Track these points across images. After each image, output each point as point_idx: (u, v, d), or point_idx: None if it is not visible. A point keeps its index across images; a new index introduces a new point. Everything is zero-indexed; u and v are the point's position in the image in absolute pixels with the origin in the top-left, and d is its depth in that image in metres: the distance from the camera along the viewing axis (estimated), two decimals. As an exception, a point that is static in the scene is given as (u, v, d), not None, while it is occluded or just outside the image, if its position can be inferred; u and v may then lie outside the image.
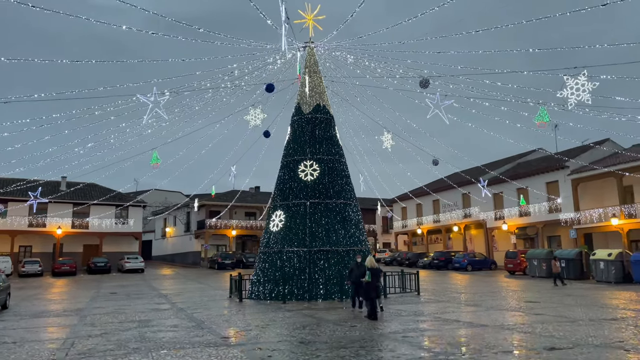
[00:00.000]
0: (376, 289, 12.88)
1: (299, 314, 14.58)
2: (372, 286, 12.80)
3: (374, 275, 12.91)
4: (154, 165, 23.34)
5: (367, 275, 12.92)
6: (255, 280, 19.86)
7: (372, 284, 12.81)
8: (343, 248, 19.38)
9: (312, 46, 22.42)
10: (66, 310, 16.83)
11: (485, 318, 13.06)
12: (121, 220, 45.79)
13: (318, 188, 20.11)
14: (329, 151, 20.94)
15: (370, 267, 13.01)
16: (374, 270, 13.00)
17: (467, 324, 11.99)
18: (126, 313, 15.67)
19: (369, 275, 12.86)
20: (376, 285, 12.91)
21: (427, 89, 18.04)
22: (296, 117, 21.63)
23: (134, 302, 19.64)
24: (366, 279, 12.91)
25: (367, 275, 12.90)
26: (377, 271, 13.15)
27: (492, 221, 41.14)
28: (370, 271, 12.91)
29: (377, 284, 12.98)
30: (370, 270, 12.94)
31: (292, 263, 19.04)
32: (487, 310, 14.98)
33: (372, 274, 12.87)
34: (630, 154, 29.28)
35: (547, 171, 36.50)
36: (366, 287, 12.96)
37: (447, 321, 12.46)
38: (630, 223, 29.96)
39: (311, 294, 18.44)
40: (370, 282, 12.82)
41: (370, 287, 12.79)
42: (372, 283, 12.81)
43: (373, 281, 12.83)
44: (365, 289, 13.02)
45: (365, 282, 12.98)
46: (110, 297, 21.95)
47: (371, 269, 12.97)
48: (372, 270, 12.95)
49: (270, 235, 20.19)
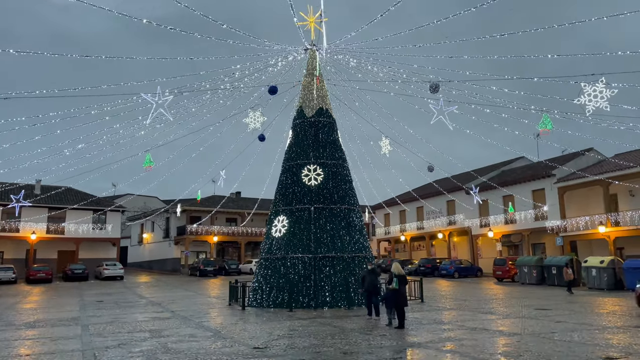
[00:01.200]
0: (403, 297, 12.49)
1: (315, 322, 14.07)
2: (400, 293, 12.41)
3: (402, 282, 12.52)
4: (146, 168, 22.56)
5: (394, 282, 12.50)
6: (256, 287, 19.23)
7: (400, 291, 12.42)
8: (348, 254, 18.97)
9: (315, 49, 22.05)
10: (61, 320, 15.88)
11: (511, 326, 12.83)
12: (99, 226, 44.27)
13: (322, 193, 19.67)
14: (332, 155, 20.54)
15: (397, 273, 12.61)
16: (402, 277, 12.61)
17: (498, 332, 11.72)
18: (129, 322, 14.87)
19: (397, 282, 12.45)
20: (402, 292, 12.52)
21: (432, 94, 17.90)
22: (298, 120, 21.17)
23: (128, 310, 18.76)
24: (393, 285, 12.49)
25: (395, 282, 12.48)
26: (405, 278, 12.76)
27: (477, 228, 41.39)
28: (397, 278, 12.51)
29: (403, 292, 12.60)
30: (398, 277, 12.54)
31: (297, 270, 18.51)
32: (505, 317, 14.77)
33: (400, 281, 12.47)
34: (618, 162, 29.76)
35: (533, 179, 36.95)
36: (393, 295, 12.55)
37: (475, 329, 12.17)
38: (616, 231, 30.46)
39: (317, 301, 17.94)
40: (397, 289, 12.42)
41: (399, 295, 12.40)
42: (400, 290, 12.42)
43: (401, 288, 12.44)
44: (392, 297, 12.60)
45: (392, 289, 12.56)
46: (100, 305, 20.95)
47: (398, 275, 12.57)
48: (399, 277, 12.56)
49: (272, 241, 19.62)
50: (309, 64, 21.88)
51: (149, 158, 22.34)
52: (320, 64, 22.11)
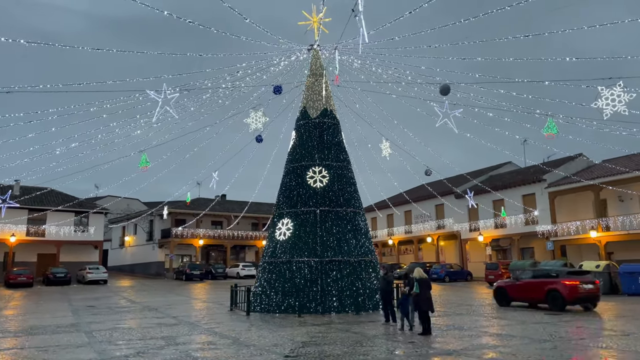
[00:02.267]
0: (428, 301, 12.14)
1: (331, 328, 13.64)
2: (422, 298, 12.06)
3: (423, 286, 12.17)
4: (142, 169, 21.89)
5: (415, 287, 12.17)
6: (259, 291, 18.68)
7: (421, 296, 12.07)
8: (355, 258, 18.60)
9: (318, 48, 21.69)
10: (60, 326, 15.09)
11: (535, 332, 12.59)
12: (81, 228, 42.99)
13: (328, 195, 19.27)
14: (337, 157, 20.17)
15: (419, 277, 12.27)
16: (423, 281, 12.26)
17: (527, 338, 11.45)
18: (134, 329, 14.22)
19: (417, 286, 12.12)
20: (427, 297, 12.17)
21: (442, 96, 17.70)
22: (302, 121, 20.75)
23: (126, 316, 18.02)
24: (414, 290, 12.16)
25: (415, 287, 12.15)
26: (427, 282, 12.41)
27: (466, 232, 41.48)
28: (418, 282, 12.17)
29: (429, 296, 12.25)
30: (419, 281, 12.20)
31: (303, 274, 18.05)
32: (521, 323, 14.56)
33: (421, 285, 12.13)
34: (610, 167, 30.05)
35: (524, 184, 37.20)
36: (415, 300, 12.20)
37: (500, 335, 11.92)
38: (608, 236, 30.80)
39: (324, 306, 17.50)
40: (419, 293, 12.08)
41: (420, 299, 12.05)
42: (421, 294, 12.07)
43: (422, 293, 12.09)
44: (414, 302, 12.24)
45: (413, 294, 12.21)
46: (93, 310, 20.11)
47: (420, 279, 12.24)
48: (420, 280, 12.22)
49: (276, 244, 19.12)
50: (312, 63, 21.50)
51: (145, 158, 21.67)
52: (323, 64, 21.77)
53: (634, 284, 24.40)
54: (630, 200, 32.33)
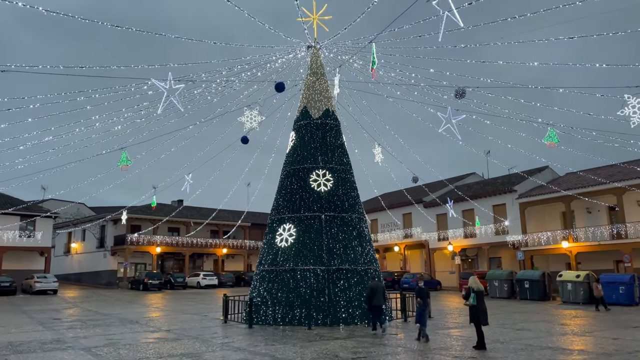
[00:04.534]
0: (484, 314, 11.38)
1: (357, 341, 12.62)
2: (480, 310, 11.29)
3: (480, 298, 11.40)
4: (122, 167, 20.10)
5: (471, 298, 11.36)
6: (259, 302, 17.34)
7: (479, 308, 11.29)
8: (362, 267, 17.67)
9: (318, 47, 20.75)
10: (45, 343, 13.16)
11: (575, 343, 12.13)
12: (26, 233, 39.50)
13: (333, 200, 18.28)
14: (340, 160, 19.24)
15: (476, 289, 11.48)
16: (480, 293, 11.51)
17: (580, 351, 10.93)
18: (137, 345, 12.60)
19: (474, 298, 11.32)
20: (483, 309, 11.41)
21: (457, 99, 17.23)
22: (303, 121, 19.68)
23: (113, 330, 16.11)
24: (470, 302, 11.34)
25: (472, 298, 11.34)
26: (482, 293, 11.65)
27: (435, 242, 41.50)
28: (475, 293, 11.38)
29: (484, 308, 11.48)
30: (476, 292, 11.42)
31: (309, 283, 16.91)
32: (549, 334, 14.12)
33: (478, 297, 11.35)
34: (587, 174, 30.69)
35: (495, 194, 37.62)
36: (472, 312, 11.40)
37: (547, 348, 11.34)
38: (578, 246, 31.50)
39: (332, 318, 16.42)
40: (476, 305, 11.29)
41: (478, 312, 11.27)
42: (479, 306, 11.30)
43: (479, 305, 11.31)
44: (472, 314, 11.43)
45: (470, 305, 11.40)
46: (63, 324, 17.98)
47: (477, 291, 11.46)
48: (477, 292, 11.44)
49: (277, 251, 17.87)
50: (312, 62, 20.53)
51: (125, 156, 19.94)
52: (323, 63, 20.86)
53: (614, 293, 24.84)
54: (597, 212, 33.32)
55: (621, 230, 29.75)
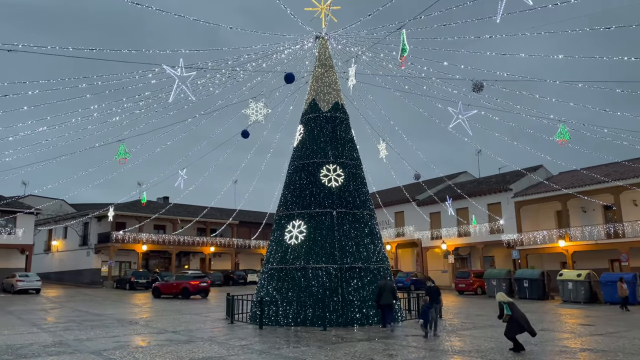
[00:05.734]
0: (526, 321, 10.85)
1: (387, 343, 12.01)
2: (521, 318, 10.76)
3: (514, 308, 10.89)
4: (119, 161, 19.19)
5: (505, 309, 10.81)
6: (268, 301, 16.58)
7: (518, 316, 10.76)
8: (374, 265, 17.07)
9: (326, 38, 20.08)
10: (47, 346, 12.22)
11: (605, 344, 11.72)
12: (7, 230, 37.90)
13: (344, 196, 17.63)
14: (350, 155, 18.60)
15: (506, 301, 10.96)
16: (511, 303, 10.99)
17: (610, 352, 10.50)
18: (151, 347, 11.80)
19: (507, 308, 10.79)
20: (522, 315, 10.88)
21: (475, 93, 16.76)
22: (312, 114, 18.97)
23: (111, 331, 15.17)
24: (506, 313, 10.80)
25: (506, 309, 10.79)
26: (513, 303, 11.13)
27: (427, 240, 41.19)
28: (507, 305, 10.85)
29: (522, 314, 10.95)
30: (507, 303, 10.89)
31: (321, 282, 16.23)
32: (575, 335, 13.72)
33: (512, 308, 10.83)
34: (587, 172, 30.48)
35: (490, 192, 37.44)
36: (511, 325, 10.82)
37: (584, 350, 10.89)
38: (575, 245, 31.46)
39: (346, 318, 15.79)
40: (512, 314, 10.75)
41: (520, 321, 10.72)
42: (517, 315, 10.77)
43: (516, 313, 10.78)
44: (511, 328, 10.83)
45: (506, 317, 10.84)
46: (59, 325, 16.96)
47: (507, 302, 10.94)
48: (509, 303, 10.92)
49: (287, 248, 17.13)
50: (321, 53, 19.85)
51: (123, 149, 19.02)
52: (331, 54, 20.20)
53: (615, 292, 24.70)
54: (592, 211, 33.36)
55: (618, 229, 29.77)
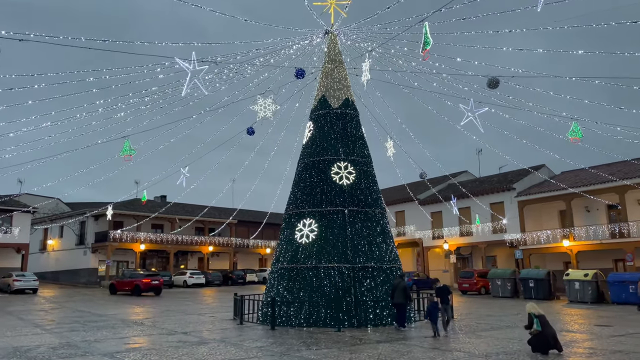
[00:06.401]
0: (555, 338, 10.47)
1: (409, 345, 11.66)
2: (550, 335, 10.37)
3: (544, 322, 10.51)
4: (124, 157, 18.74)
5: (535, 324, 10.42)
6: (278, 301, 16.20)
7: (548, 332, 10.36)
8: (387, 265, 16.73)
9: (336, 33, 19.72)
10: (55, 348, 11.78)
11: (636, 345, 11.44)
12: (3, 229, 37.26)
13: (355, 194, 17.27)
14: (361, 153, 18.25)
15: (537, 314, 10.56)
16: (542, 317, 10.60)
17: None
18: (166, 350, 11.38)
19: (538, 323, 10.40)
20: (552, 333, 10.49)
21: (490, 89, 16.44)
22: (321, 111, 18.60)
23: (119, 332, 14.74)
24: (535, 328, 10.40)
25: (536, 324, 10.40)
26: (545, 317, 10.71)
27: (429, 240, 40.93)
28: (538, 318, 10.46)
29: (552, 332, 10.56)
30: (538, 317, 10.50)
31: (334, 281, 15.86)
32: (600, 336, 13.44)
33: (542, 322, 10.46)
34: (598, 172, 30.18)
35: (492, 192, 37.20)
36: (538, 339, 10.42)
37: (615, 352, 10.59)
38: (579, 245, 31.28)
39: (359, 319, 15.43)
40: (541, 331, 10.36)
41: (548, 337, 10.33)
42: (546, 331, 10.37)
43: (545, 329, 10.40)
44: (537, 342, 10.44)
45: (535, 332, 10.44)
46: (63, 325, 16.48)
47: (539, 315, 10.54)
48: (540, 317, 10.54)
49: (297, 247, 16.75)
50: (330, 49, 19.48)
51: (128, 145, 18.57)
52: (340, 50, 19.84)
53: (624, 292, 24.53)
54: (596, 211, 33.19)
55: (623, 229, 29.60)
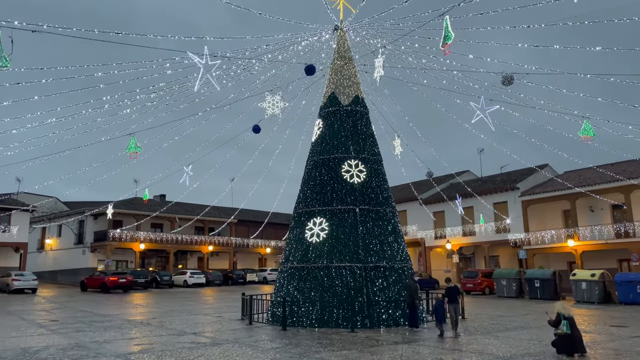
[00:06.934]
0: (581, 341, 10.21)
1: (428, 346, 11.42)
2: (577, 338, 10.11)
3: (572, 324, 10.27)
4: (130, 155, 18.46)
5: (564, 326, 10.12)
6: (289, 302, 15.92)
7: (575, 335, 10.09)
8: (398, 264, 16.47)
9: (345, 29, 19.46)
10: (64, 349, 11.45)
11: None
12: (1, 228, 36.80)
13: (366, 192, 17.00)
14: (372, 151, 17.99)
15: (567, 315, 10.28)
16: (572, 320, 10.32)
17: None
18: (180, 351, 11.08)
19: (567, 325, 10.14)
20: (579, 336, 10.23)
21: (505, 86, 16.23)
22: (331, 108, 18.32)
23: (126, 332, 14.45)
24: (564, 330, 10.11)
25: (565, 326, 10.11)
26: (574, 320, 10.43)
27: (431, 240, 40.73)
28: (567, 320, 10.18)
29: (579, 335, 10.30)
30: (568, 319, 10.22)
31: (346, 281, 15.59)
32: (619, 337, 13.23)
33: (571, 325, 10.20)
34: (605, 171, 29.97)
35: (496, 192, 37.03)
36: (564, 341, 10.15)
37: None
38: (584, 245, 31.13)
39: (372, 319, 15.17)
40: (570, 334, 10.09)
41: (575, 340, 10.08)
42: (573, 334, 10.10)
43: (574, 332, 10.14)
44: (563, 344, 10.18)
45: (563, 333, 10.16)
46: (67, 326, 16.13)
47: (569, 317, 10.26)
48: (569, 319, 10.25)
49: (308, 246, 16.47)
50: (340, 45, 19.21)
51: (134, 143, 18.29)
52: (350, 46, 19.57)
53: (631, 292, 24.36)
54: (600, 211, 33.07)
55: (629, 228, 29.47)
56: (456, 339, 12.78)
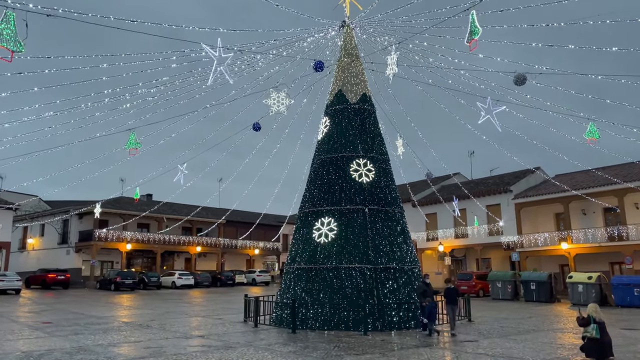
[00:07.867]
0: (610, 346, 9.94)
1: (450, 350, 11.08)
2: (606, 343, 9.84)
3: (603, 329, 9.94)
4: (130, 151, 17.89)
5: (593, 330, 9.83)
6: (297, 304, 15.46)
7: (604, 340, 9.80)
8: (408, 266, 16.16)
9: (352, 26, 19.12)
10: (69, 353, 10.85)
11: None
12: (-17, 226, 35.60)
13: (375, 192, 16.66)
14: (380, 150, 17.67)
15: (598, 319, 9.95)
16: (602, 324, 9.98)
17: None
18: (191, 355, 10.56)
19: (596, 329, 9.83)
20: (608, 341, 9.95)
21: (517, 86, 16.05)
22: (339, 106, 17.95)
23: (128, 335, 13.85)
24: (593, 334, 9.83)
25: (594, 330, 9.82)
26: (604, 325, 10.11)
27: (423, 242, 40.59)
28: (598, 325, 9.87)
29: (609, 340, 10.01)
30: (599, 323, 9.91)
31: (356, 283, 15.22)
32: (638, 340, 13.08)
33: (601, 329, 9.88)
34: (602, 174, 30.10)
35: (489, 194, 37.05)
36: (593, 345, 9.87)
37: None
38: (577, 247, 31.26)
39: (383, 322, 14.81)
40: (599, 339, 9.80)
41: (604, 345, 9.81)
42: (603, 339, 9.81)
43: (603, 337, 9.86)
44: (592, 348, 9.89)
45: (592, 338, 9.88)
46: (64, 329, 15.42)
47: (600, 322, 9.95)
48: (600, 324, 9.92)
49: (316, 247, 16.05)
50: (346, 42, 18.86)
51: (134, 138, 17.72)
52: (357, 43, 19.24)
53: (628, 295, 24.46)
54: (592, 214, 33.27)
55: (622, 232, 29.67)
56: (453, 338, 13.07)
